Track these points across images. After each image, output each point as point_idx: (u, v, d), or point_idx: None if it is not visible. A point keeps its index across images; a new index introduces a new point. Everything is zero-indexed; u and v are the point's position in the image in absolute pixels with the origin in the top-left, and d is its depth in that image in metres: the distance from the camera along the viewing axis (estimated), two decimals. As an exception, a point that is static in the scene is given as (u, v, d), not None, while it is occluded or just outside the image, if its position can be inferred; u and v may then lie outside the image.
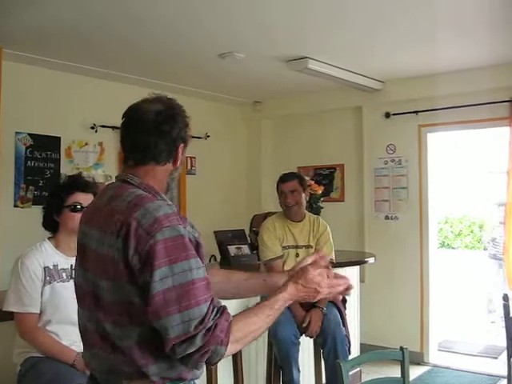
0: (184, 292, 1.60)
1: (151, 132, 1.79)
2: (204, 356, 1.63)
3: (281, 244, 4.02)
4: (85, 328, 1.81)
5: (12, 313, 2.70)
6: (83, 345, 1.84)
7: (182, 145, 1.88)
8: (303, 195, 4.07)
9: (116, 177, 1.89)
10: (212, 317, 1.63)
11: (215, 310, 1.65)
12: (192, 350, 1.61)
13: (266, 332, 3.96)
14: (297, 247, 4.01)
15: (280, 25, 4.48)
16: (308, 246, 4.06)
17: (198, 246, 1.73)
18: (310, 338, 3.85)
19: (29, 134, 5.34)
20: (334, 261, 4.10)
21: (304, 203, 4.11)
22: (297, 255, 4.01)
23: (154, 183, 1.81)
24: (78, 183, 2.95)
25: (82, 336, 1.84)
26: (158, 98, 1.87)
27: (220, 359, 1.66)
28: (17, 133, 5.27)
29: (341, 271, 4.78)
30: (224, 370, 3.51)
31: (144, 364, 1.68)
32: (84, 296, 1.79)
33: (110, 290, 1.68)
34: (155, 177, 1.83)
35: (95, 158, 5.87)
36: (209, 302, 1.64)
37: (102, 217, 1.75)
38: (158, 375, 1.69)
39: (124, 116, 1.86)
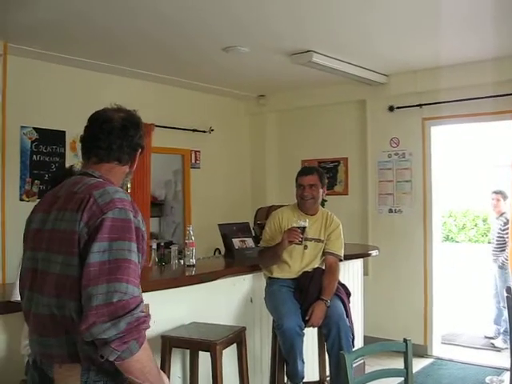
0: (117, 267, 1.68)
1: (118, 135, 1.97)
2: (122, 346, 1.64)
3: None
4: (28, 311, 1.88)
5: (20, 303, 2.73)
6: (29, 329, 1.93)
7: (139, 150, 2.07)
8: (321, 191, 4.08)
9: (78, 172, 2.04)
10: (142, 310, 1.70)
11: (143, 306, 1.72)
12: (113, 333, 1.63)
13: (271, 323, 4.00)
14: (306, 239, 4.00)
15: (284, 18, 4.48)
16: (318, 240, 4.07)
17: (142, 239, 1.83)
18: (313, 327, 3.88)
19: (34, 129, 5.37)
20: (342, 258, 4.13)
21: (320, 198, 4.13)
22: (305, 247, 4.02)
23: (113, 179, 1.97)
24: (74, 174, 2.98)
25: (26, 320, 1.93)
26: (120, 108, 2.06)
27: (127, 359, 1.66)
28: (22, 127, 5.29)
29: (345, 264, 4.81)
30: (228, 361, 3.54)
31: (78, 341, 1.72)
32: (29, 278, 1.88)
33: (62, 263, 1.76)
34: (115, 175, 1.99)
35: (100, 151, 5.88)
36: (140, 291, 1.73)
37: (62, 200, 1.87)
38: (85, 356, 1.73)
39: (91, 120, 2.03)
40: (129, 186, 2.16)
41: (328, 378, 4.08)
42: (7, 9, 4.04)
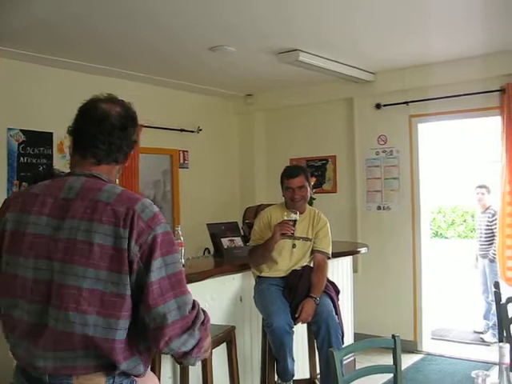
0: (176, 280, 1.73)
1: (118, 135, 1.87)
2: (201, 352, 1.77)
3: None
4: (41, 326, 1.71)
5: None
6: (29, 342, 1.74)
7: (135, 147, 1.98)
8: (309, 189, 4.09)
9: (74, 172, 1.86)
10: (201, 310, 1.80)
11: (199, 305, 1.81)
12: (192, 344, 1.73)
13: (260, 322, 4.01)
14: (294, 238, 4.02)
15: (270, 17, 4.49)
16: (306, 239, 4.08)
17: None
18: (302, 323, 3.90)
19: (21, 130, 5.35)
20: (330, 255, 4.14)
21: (309, 197, 4.14)
22: (293, 246, 4.04)
23: (112, 180, 1.91)
24: (54, 174, 2.97)
25: (26, 332, 1.75)
26: (113, 100, 1.95)
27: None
28: (9, 129, 5.27)
29: (334, 262, 4.83)
30: (218, 360, 3.54)
31: (119, 360, 1.68)
32: (41, 290, 1.72)
33: (107, 281, 1.67)
34: (113, 175, 1.92)
35: (87, 153, 5.87)
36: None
37: (82, 208, 1.73)
38: (122, 371, 1.73)
39: (85, 114, 1.90)
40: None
41: (318, 376, 4.09)
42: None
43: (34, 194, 1.84)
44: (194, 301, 1.78)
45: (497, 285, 3.89)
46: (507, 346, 1.83)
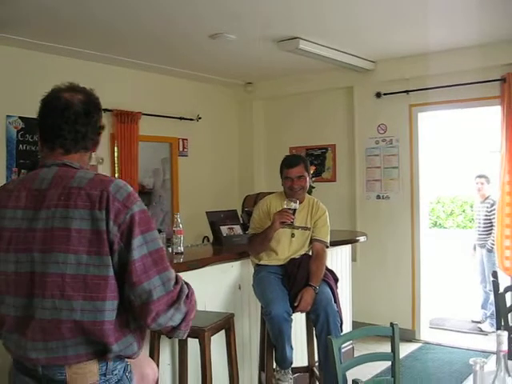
0: (158, 257, 1.76)
1: (83, 122, 1.87)
2: (188, 324, 1.81)
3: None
4: (27, 318, 1.73)
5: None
6: (19, 335, 1.75)
7: (102, 133, 1.98)
8: (308, 179, 4.07)
9: (45, 164, 1.86)
10: (185, 284, 1.84)
11: (182, 279, 1.85)
12: (179, 318, 1.76)
13: (259, 310, 4.02)
14: (293, 228, 4.01)
15: (271, 5, 4.46)
16: (305, 228, 4.07)
17: None
18: (301, 312, 3.90)
19: (20, 118, 5.33)
20: (329, 244, 4.14)
21: (308, 186, 4.13)
22: (292, 235, 4.03)
23: (84, 167, 1.91)
24: None
25: (14, 326, 1.76)
26: (74, 88, 1.93)
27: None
28: (8, 116, 5.26)
29: (333, 250, 4.83)
30: (217, 347, 3.56)
31: (111, 342, 1.71)
32: (24, 283, 1.73)
33: (88, 264, 1.69)
34: (84, 162, 1.92)
35: (86, 140, 5.86)
36: None
37: (56, 196, 1.74)
38: (115, 354, 1.75)
39: (48, 105, 1.89)
40: (116, 170, 2.08)
41: (317, 364, 4.11)
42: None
43: (8, 189, 1.86)
44: (176, 275, 1.80)
45: (495, 274, 3.92)
46: (505, 333, 1.83)
